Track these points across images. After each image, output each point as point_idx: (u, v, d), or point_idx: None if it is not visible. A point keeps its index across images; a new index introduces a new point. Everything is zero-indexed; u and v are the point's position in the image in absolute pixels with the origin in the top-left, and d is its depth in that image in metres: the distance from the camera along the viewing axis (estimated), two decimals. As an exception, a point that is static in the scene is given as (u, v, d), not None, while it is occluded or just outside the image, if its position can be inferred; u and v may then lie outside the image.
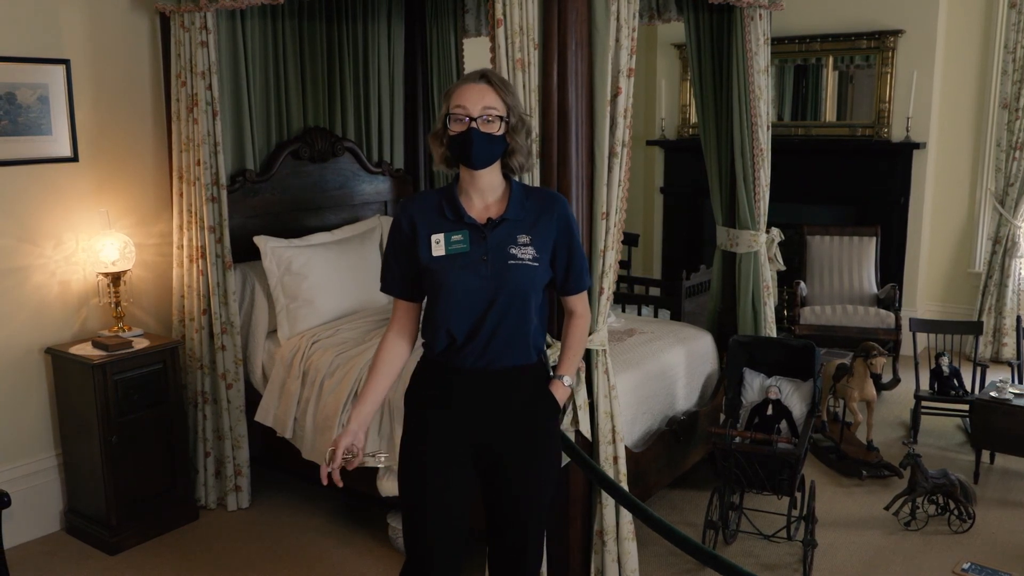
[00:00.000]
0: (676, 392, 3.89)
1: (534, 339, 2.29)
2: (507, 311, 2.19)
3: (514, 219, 2.21)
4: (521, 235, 2.21)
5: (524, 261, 2.19)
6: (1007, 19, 5.82)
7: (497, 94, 2.17)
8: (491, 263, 2.18)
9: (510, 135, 2.20)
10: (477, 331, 2.19)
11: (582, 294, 2.39)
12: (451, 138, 2.17)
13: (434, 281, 2.20)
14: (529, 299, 2.22)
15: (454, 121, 2.16)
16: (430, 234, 2.20)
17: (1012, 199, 5.88)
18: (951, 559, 3.47)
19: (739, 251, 4.15)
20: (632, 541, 3.09)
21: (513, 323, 2.21)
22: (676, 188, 7.34)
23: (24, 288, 3.65)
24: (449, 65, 4.93)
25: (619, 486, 2.77)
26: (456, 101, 2.16)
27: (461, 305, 2.18)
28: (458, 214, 2.21)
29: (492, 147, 2.17)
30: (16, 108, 3.54)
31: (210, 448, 3.92)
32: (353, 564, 3.49)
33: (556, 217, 2.26)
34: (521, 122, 2.23)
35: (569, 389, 2.43)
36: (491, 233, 2.19)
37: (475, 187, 2.23)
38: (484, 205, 2.24)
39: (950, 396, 4.57)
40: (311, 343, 3.77)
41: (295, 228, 4.34)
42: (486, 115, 2.15)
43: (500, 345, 2.21)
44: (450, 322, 2.20)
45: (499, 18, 2.72)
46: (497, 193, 2.25)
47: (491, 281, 2.17)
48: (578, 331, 2.42)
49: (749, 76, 3.91)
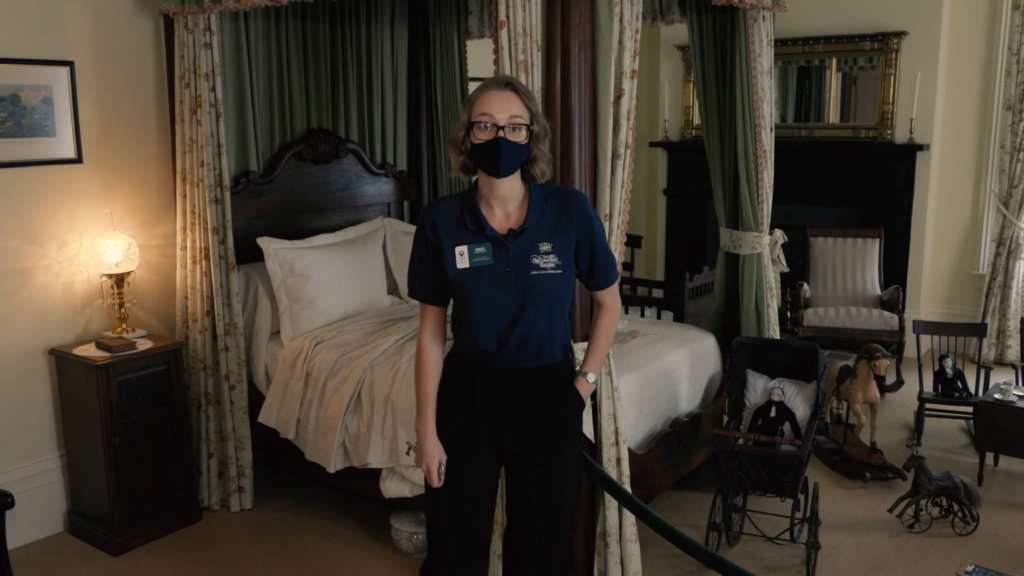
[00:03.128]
0: (679, 394, 3.89)
1: (561, 340, 2.33)
2: (535, 321, 2.22)
3: (534, 227, 2.22)
4: (543, 243, 2.21)
5: (547, 271, 2.20)
6: (1010, 21, 5.81)
7: (522, 102, 2.16)
8: (515, 275, 2.19)
9: (534, 143, 2.19)
10: (507, 339, 2.23)
11: (611, 287, 2.40)
12: (475, 146, 2.16)
13: (461, 293, 2.24)
14: (554, 305, 2.25)
15: (479, 129, 2.14)
16: (454, 245, 2.22)
17: (1016, 201, 5.87)
18: (955, 562, 3.45)
19: (742, 253, 4.15)
20: (635, 543, 3.09)
21: (542, 330, 2.25)
22: (679, 190, 7.34)
23: (28, 289, 3.65)
24: (452, 67, 4.93)
25: (622, 488, 2.77)
26: (482, 109, 2.14)
27: (488, 317, 2.22)
28: (480, 225, 2.21)
29: (517, 155, 2.17)
30: (20, 110, 3.55)
31: (213, 449, 3.92)
32: (356, 565, 3.49)
33: (576, 216, 2.26)
34: (544, 130, 2.22)
35: (593, 386, 2.45)
36: (513, 244, 2.20)
37: (495, 195, 2.22)
38: (504, 214, 2.24)
39: (954, 398, 4.56)
40: (314, 344, 3.78)
41: (298, 229, 4.35)
42: (513, 123, 2.14)
43: (530, 349, 2.26)
44: (480, 332, 2.23)
45: (502, 20, 2.72)
46: (517, 200, 2.25)
47: (516, 293, 2.20)
48: (606, 325, 2.43)
49: (752, 78, 3.91)
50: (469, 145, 2.17)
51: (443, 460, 2.32)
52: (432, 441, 2.32)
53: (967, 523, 3.69)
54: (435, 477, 2.31)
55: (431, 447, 2.32)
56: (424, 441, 2.33)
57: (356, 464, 3.50)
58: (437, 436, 2.33)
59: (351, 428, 3.51)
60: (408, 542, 3.48)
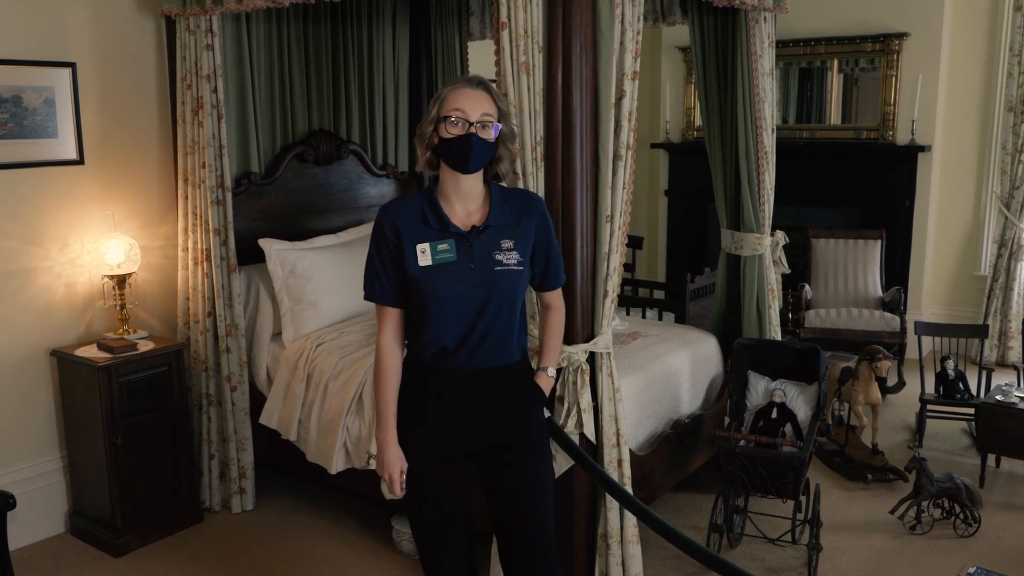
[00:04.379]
0: (680, 395, 3.89)
1: (519, 339, 2.33)
2: (496, 316, 2.23)
3: (497, 225, 2.24)
4: (505, 240, 2.23)
5: (510, 266, 2.22)
6: (1012, 22, 5.81)
7: (493, 101, 2.20)
8: (478, 271, 2.20)
9: (501, 142, 2.23)
10: (468, 337, 2.22)
11: (558, 289, 2.44)
12: (444, 141, 2.17)
13: (422, 291, 2.20)
14: (516, 302, 2.27)
15: (450, 124, 2.15)
16: (415, 243, 2.20)
17: (1017, 202, 5.86)
18: (956, 563, 3.45)
19: (744, 254, 4.15)
20: (636, 544, 3.09)
21: (502, 327, 2.25)
22: (680, 191, 7.34)
23: (30, 290, 3.66)
24: (453, 68, 4.94)
25: (623, 489, 2.77)
26: (454, 104, 2.16)
27: (451, 314, 2.20)
28: (442, 223, 2.21)
29: (486, 153, 2.20)
30: (22, 111, 3.56)
31: (214, 450, 3.92)
32: (357, 566, 3.49)
33: (536, 218, 2.30)
34: (511, 132, 2.27)
35: (552, 379, 2.46)
36: (476, 241, 2.21)
37: (458, 192, 2.23)
38: (466, 211, 2.25)
39: (955, 400, 4.56)
40: (315, 345, 3.78)
41: (300, 231, 4.35)
42: (484, 121, 2.17)
43: (489, 348, 2.25)
44: (441, 331, 2.21)
45: (503, 21, 2.72)
46: (479, 199, 2.26)
47: (479, 288, 2.19)
48: (557, 324, 2.46)
49: (754, 79, 3.91)
50: (437, 140, 2.18)
51: (404, 469, 2.29)
52: (393, 449, 2.28)
53: (969, 525, 3.68)
54: (396, 486, 2.28)
55: (392, 456, 2.28)
56: (385, 449, 2.29)
57: (357, 465, 3.50)
58: (399, 444, 2.29)
59: (352, 429, 3.51)
60: (409, 543, 3.48)
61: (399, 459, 2.29)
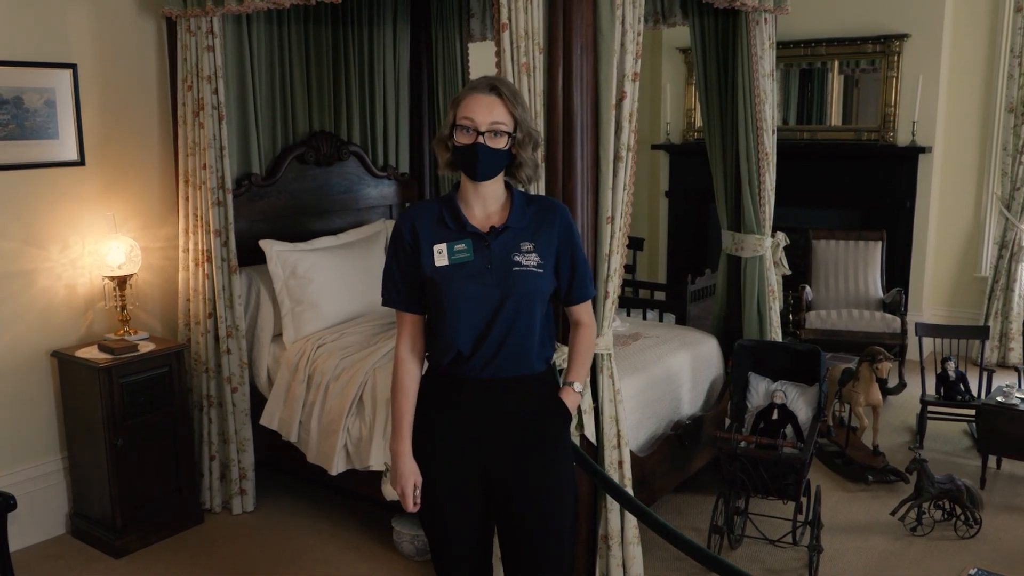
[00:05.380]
0: (681, 396, 3.89)
1: (542, 349, 2.25)
2: (514, 319, 2.15)
3: (516, 227, 2.18)
4: (524, 242, 2.17)
5: (529, 268, 2.16)
6: (1013, 23, 5.81)
7: (506, 107, 2.12)
8: (495, 271, 2.14)
9: (516, 148, 2.16)
10: (484, 340, 2.15)
11: (587, 304, 2.35)
12: (456, 148, 2.14)
13: (438, 291, 2.16)
14: (535, 306, 2.19)
15: (460, 132, 2.12)
16: (432, 244, 2.17)
17: (1018, 203, 5.86)
18: (957, 565, 3.45)
19: (744, 255, 4.15)
20: (637, 545, 3.08)
21: (520, 332, 2.17)
22: (681, 192, 7.34)
23: (30, 291, 3.66)
24: (454, 69, 4.94)
25: (624, 490, 2.77)
26: (464, 112, 2.12)
27: (467, 315, 2.14)
28: (460, 223, 2.18)
29: (497, 161, 2.14)
30: (23, 112, 3.56)
31: (215, 451, 3.92)
32: (358, 568, 3.49)
33: (558, 225, 2.23)
34: (528, 136, 2.18)
35: (579, 396, 2.37)
36: (494, 241, 2.16)
37: (477, 196, 2.19)
38: (486, 214, 2.20)
39: (956, 401, 4.56)
40: (316, 347, 3.78)
41: (300, 232, 4.35)
42: (494, 130, 2.11)
43: (508, 354, 2.17)
44: (456, 333, 2.15)
45: (504, 22, 2.72)
46: (499, 202, 2.22)
47: (496, 289, 2.14)
48: (586, 341, 2.36)
49: (754, 80, 3.91)
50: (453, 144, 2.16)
51: (418, 483, 2.22)
52: (408, 462, 2.22)
53: (970, 526, 3.68)
54: (410, 501, 2.22)
55: (406, 468, 2.22)
56: (399, 461, 2.22)
57: (358, 466, 3.50)
58: (413, 457, 2.22)
59: (353, 430, 3.51)
60: (410, 544, 3.48)
61: (413, 473, 2.22)
